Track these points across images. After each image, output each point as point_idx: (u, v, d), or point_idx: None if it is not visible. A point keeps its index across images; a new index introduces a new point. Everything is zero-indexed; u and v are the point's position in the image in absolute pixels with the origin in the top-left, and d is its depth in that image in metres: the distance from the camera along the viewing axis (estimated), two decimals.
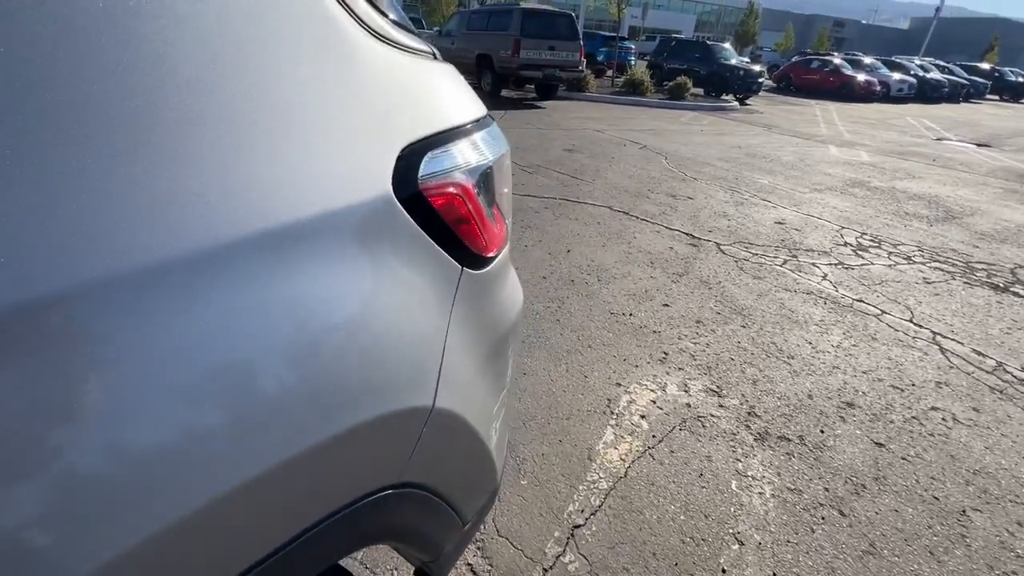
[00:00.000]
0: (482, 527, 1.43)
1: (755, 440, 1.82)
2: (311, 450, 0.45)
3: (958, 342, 2.57)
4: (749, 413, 1.96)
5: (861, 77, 18.68)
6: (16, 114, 0.32)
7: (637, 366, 2.20)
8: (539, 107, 10.07)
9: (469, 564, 1.33)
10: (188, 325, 0.38)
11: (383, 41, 0.56)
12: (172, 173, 0.38)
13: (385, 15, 0.60)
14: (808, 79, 19.80)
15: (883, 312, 2.82)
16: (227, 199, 0.40)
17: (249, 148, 0.42)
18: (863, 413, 2.00)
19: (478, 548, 1.37)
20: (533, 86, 11.21)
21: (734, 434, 1.84)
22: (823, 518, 1.53)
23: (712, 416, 1.93)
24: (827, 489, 1.63)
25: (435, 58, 0.68)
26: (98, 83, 0.35)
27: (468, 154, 0.64)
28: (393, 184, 0.52)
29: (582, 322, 2.51)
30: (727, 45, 15.81)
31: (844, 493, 1.62)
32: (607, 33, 18.95)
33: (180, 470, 0.38)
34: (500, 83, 10.51)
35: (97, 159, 0.34)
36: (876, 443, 1.84)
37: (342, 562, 1.00)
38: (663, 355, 2.30)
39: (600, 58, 17.01)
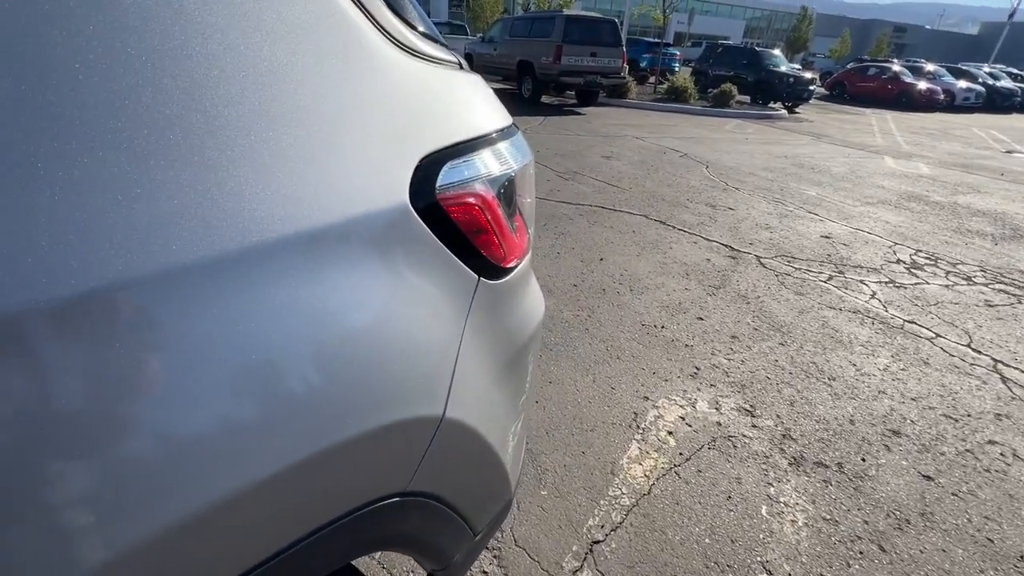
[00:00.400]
0: (499, 535, 1.42)
1: (789, 464, 1.74)
2: (319, 454, 0.45)
3: (1023, 371, 2.38)
4: (784, 436, 1.87)
5: (922, 85, 17.69)
6: (59, 119, 0.34)
7: (667, 380, 2.15)
8: (579, 113, 10.03)
9: (484, 572, 1.32)
10: (218, 322, 0.39)
11: (406, 51, 0.57)
12: (209, 176, 0.39)
13: (412, 26, 0.61)
14: (864, 87, 18.90)
15: (937, 335, 2.65)
16: (260, 203, 0.42)
17: (276, 154, 0.44)
18: (910, 443, 1.88)
19: (494, 556, 1.36)
20: (573, 92, 11.18)
21: (767, 457, 1.77)
22: (861, 552, 1.44)
23: (744, 436, 1.86)
24: (867, 522, 1.53)
25: (461, 68, 0.68)
26: (134, 90, 0.37)
27: (490, 164, 0.64)
28: (410, 194, 0.52)
29: (612, 332, 2.47)
30: (776, 51, 15.31)
31: (886, 527, 1.52)
32: (651, 39, 18.73)
33: (197, 465, 0.39)
34: (540, 89, 10.53)
35: (133, 160, 0.36)
36: (924, 476, 1.72)
37: (357, 562, 1.01)
38: (694, 370, 2.23)
39: (643, 64, 16.82)
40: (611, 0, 50.15)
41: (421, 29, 0.63)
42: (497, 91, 0.76)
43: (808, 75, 13.98)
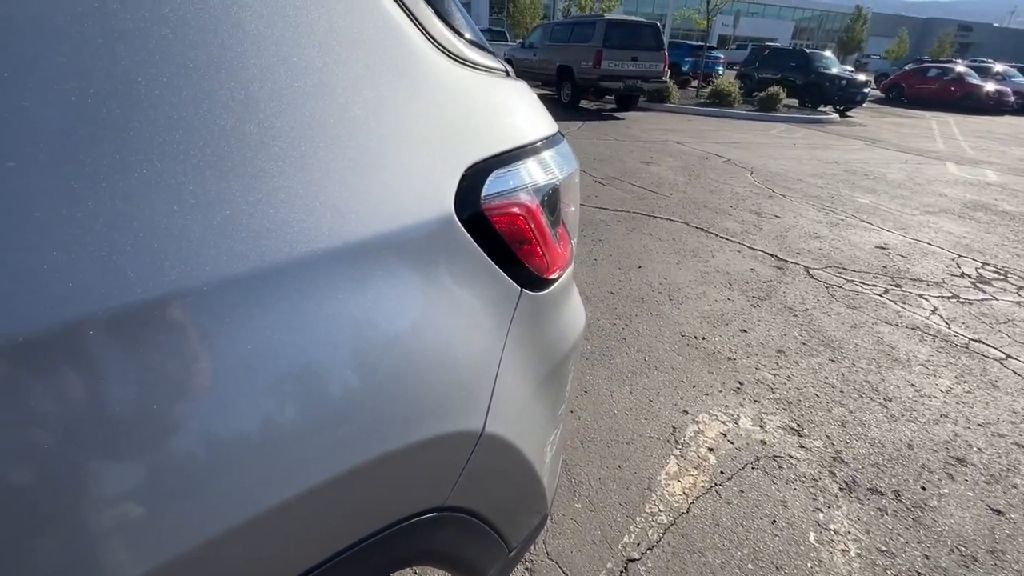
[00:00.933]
0: (532, 548, 1.39)
1: (840, 489, 1.64)
2: (361, 467, 0.45)
3: None
4: (835, 458, 1.77)
5: (990, 86, 16.58)
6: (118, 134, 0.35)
7: (707, 394, 2.07)
8: (618, 118, 9.92)
9: None
10: (265, 333, 0.39)
11: (454, 59, 0.56)
12: (260, 186, 0.39)
13: (460, 33, 0.60)
14: (923, 89, 17.88)
15: (1008, 356, 2.45)
16: (308, 213, 0.42)
17: (324, 165, 0.44)
18: (977, 472, 1.73)
19: (527, 569, 1.34)
20: (613, 97, 11.08)
21: (816, 480, 1.67)
22: None
23: (791, 457, 1.76)
24: (927, 556, 1.42)
25: (508, 75, 0.67)
26: (192, 102, 0.37)
27: (535, 173, 0.63)
28: (455, 204, 0.51)
29: (650, 343, 2.41)
30: (828, 53, 14.70)
31: (949, 564, 1.40)
32: (694, 43, 18.35)
33: (239, 477, 0.39)
34: (579, 94, 10.49)
35: (188, 171, 0.37)
36: (993, 510, 1.58)
37: None
38: (737, 385, 2.14)
39: (685, 68, 16.49)
40: (653, 4, 49.48)
41: (468, 36, 0.63)
42: (537, 96, 0.75)
43: (862, 77, 13.35)
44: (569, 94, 10.58)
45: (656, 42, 10.10)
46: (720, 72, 17.60)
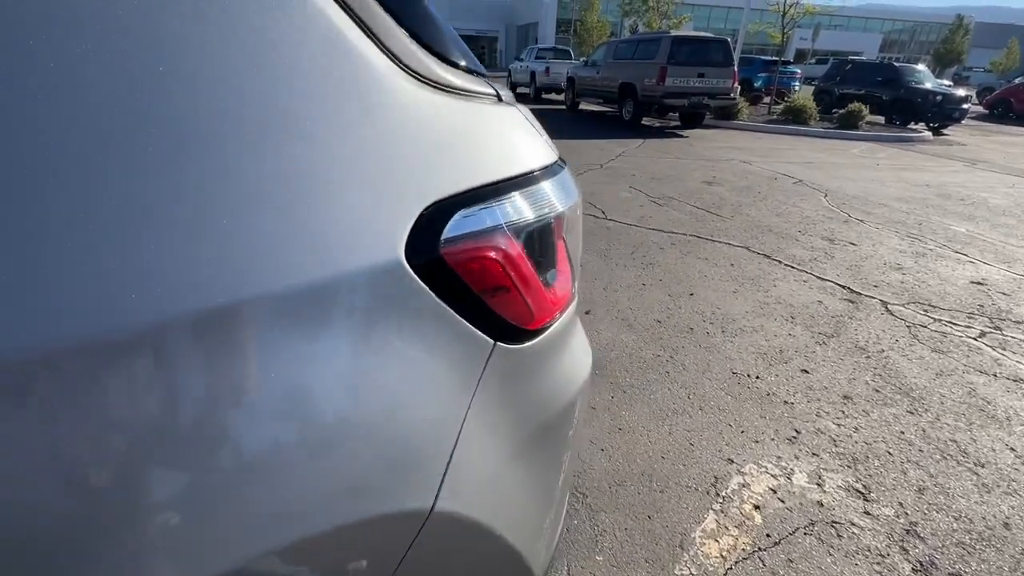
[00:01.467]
0: None
1: (914, 571, 1.40)
2: (262, 554, 0.39)
3: None
4: (908, 531, 1.52)
5: None
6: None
7: (757, 442, 1.86)
8: (681, 136, 9.61)
9: None
10: (174, 391, 0.36)
11: (428, 85, 0.50)
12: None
13: (442, 56, 0.54)
14: None
15: None
16: (222, 264, 0.36)
17: (247, 202, 0.38)
18: None
19: None
20: (677, 114, 10.78)
21: (883, 556, 1.44)
22: None
23: (853, 525, 1.54)
24: None
25: (499, 100, 0.60)
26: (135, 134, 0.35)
27: (521, 209, 0.55)
28: (407, 248, 0.45)
29: (696, 379, 2.22)
30: (920, 66, 13.55)
31: None
32: (768, 57, 17.56)
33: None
34: (641, 111, 10.29)
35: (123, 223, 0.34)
36: None
37: None
38: (793, 433, 1.92)
39: (758, 84, 15.81)
40: (725, 19, 48.06)
41: (461, 63, 0.56)
42: (597, 114, 0.68)
43: (961, 92, 12.16)
44: (631, 111, 10.39)
45: (725, 58, 9.75)
46: (796, 88, 16.70)
